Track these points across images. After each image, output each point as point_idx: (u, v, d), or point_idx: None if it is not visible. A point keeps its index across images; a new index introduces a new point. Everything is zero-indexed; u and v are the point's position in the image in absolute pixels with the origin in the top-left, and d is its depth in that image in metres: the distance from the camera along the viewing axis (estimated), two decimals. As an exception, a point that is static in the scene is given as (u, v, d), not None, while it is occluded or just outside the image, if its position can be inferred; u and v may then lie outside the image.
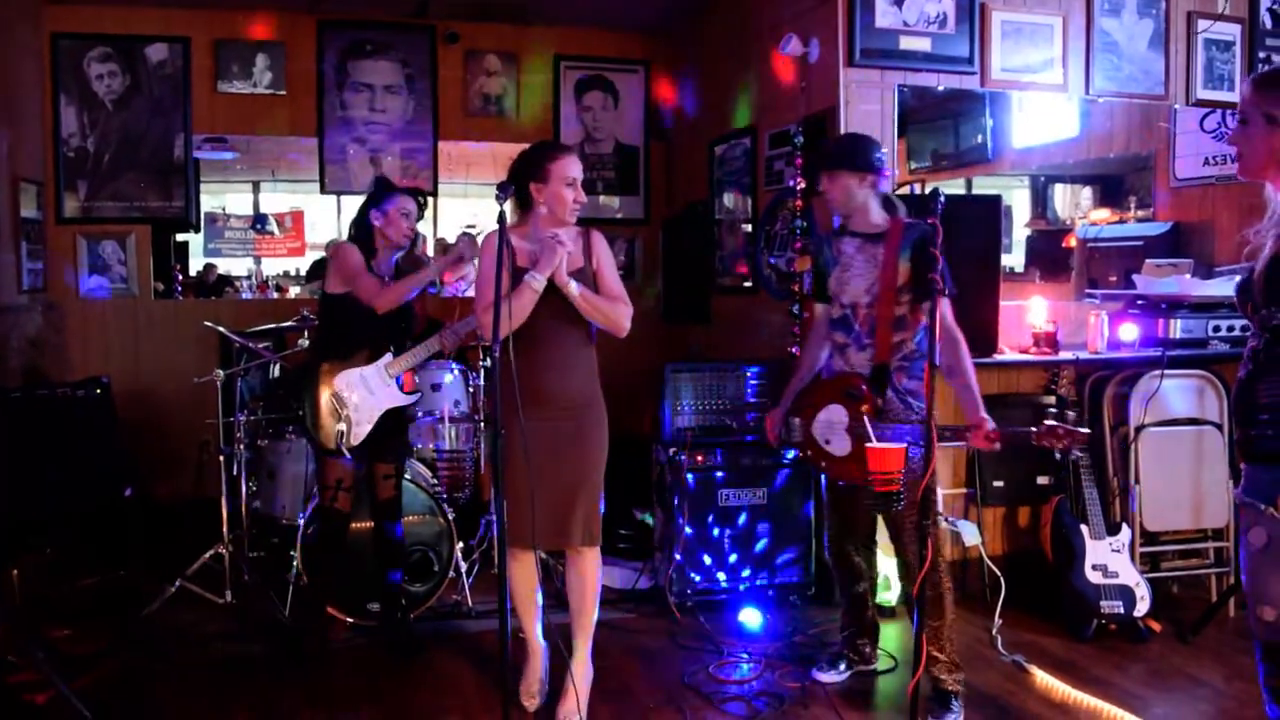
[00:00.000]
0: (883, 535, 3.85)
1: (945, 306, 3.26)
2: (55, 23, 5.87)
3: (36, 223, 5.71)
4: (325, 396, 3.83)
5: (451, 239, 9.45)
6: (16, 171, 5.44)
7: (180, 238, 6.84)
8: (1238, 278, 2.42)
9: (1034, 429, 3.06)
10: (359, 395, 3.86)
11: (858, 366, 3.47)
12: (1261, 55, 5.21)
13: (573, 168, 3.26)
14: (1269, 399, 2.21)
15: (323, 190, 6.49)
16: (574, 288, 3.21)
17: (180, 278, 6.59)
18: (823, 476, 3.76)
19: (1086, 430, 3.02)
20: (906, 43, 4.57)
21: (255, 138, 6.35)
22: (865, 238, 3.50)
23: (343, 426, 3.81)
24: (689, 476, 4.45)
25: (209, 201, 6.57)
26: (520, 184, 3.25)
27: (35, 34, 5.79)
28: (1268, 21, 5.22)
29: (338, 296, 3.84)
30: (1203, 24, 5.06)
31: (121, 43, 5.97)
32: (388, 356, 3.88)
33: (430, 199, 4.04)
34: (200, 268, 9.43)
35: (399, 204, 3.89)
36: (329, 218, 11.27)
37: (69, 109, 5.93)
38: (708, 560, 4.48)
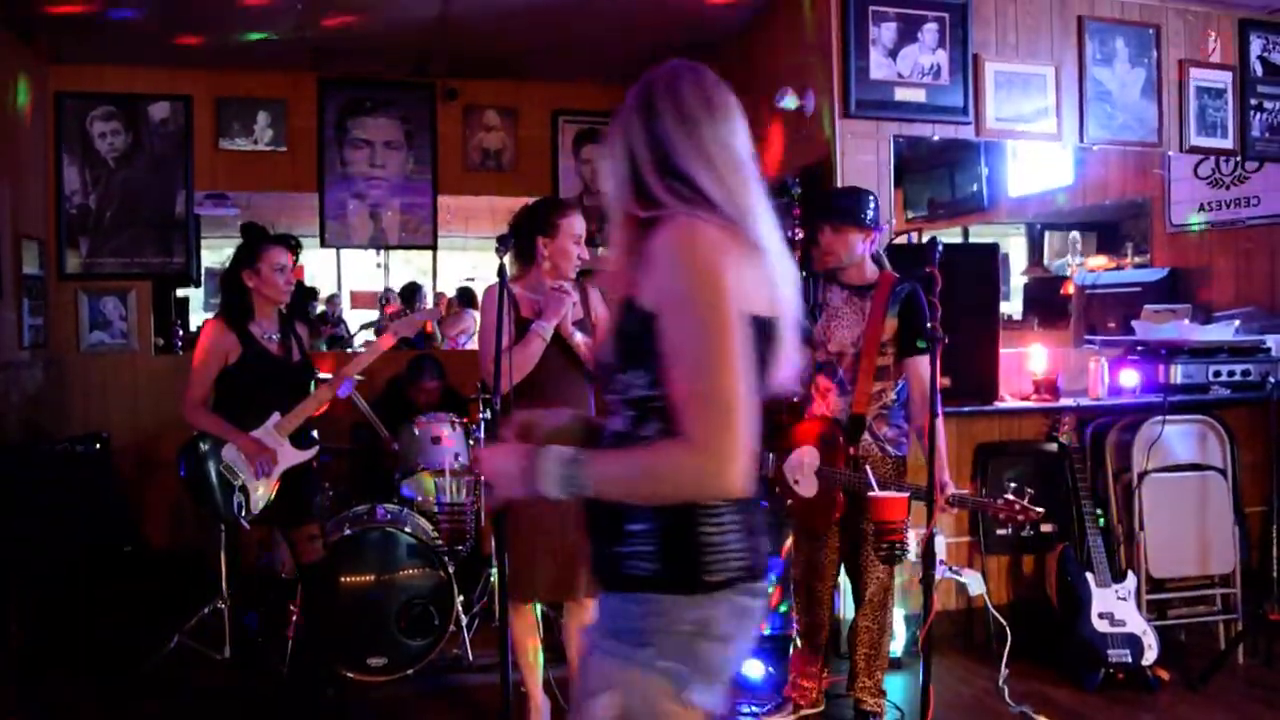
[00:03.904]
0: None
1: (928, 365, 3.32)
2: (59, 82, 5.95)
3: (38, 279, 5.74)
4: (214, 470, 3.75)
5: (451, 292, 9.48)
6: (19, 228, 5.47)
7: (181, 293, 6.85)
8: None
9: (993, 500, 3.11)
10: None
11: (837, 412, 3.58)
12: (1253, 102, 5.27)
13: (580, 224, 3.35)
14: (660, 508, 1.58)
15: (322, 244, 6.52)
16: (579, 337, 3.26)
17: (181, 333, 6.59)
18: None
19: (1040, 510, 3.04)
20: (901, 94, 4.62)
21: (256, 194, 6.38)
22: (854, 289, 3.59)
23: (240, 497, 3.75)
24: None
25: (209, 257, 6.59)
26: (527, 238, 3.29)
27: (40, 93, 5.86)
28: (1258, 69, 5.29)
29: (225, 369, 3.77)
30: (1194, 72, 5.12)
31: (124, 101, 6.04)
32: (275, 416, 3.80)
33: (301, 247, 3.98)
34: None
35: (271, 259, 3.77)
36: (329, 271, 11.35)
37: (71, 167, 5.98)
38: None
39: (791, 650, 3.95)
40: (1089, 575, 4.17)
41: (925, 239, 6.65)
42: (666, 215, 1.59)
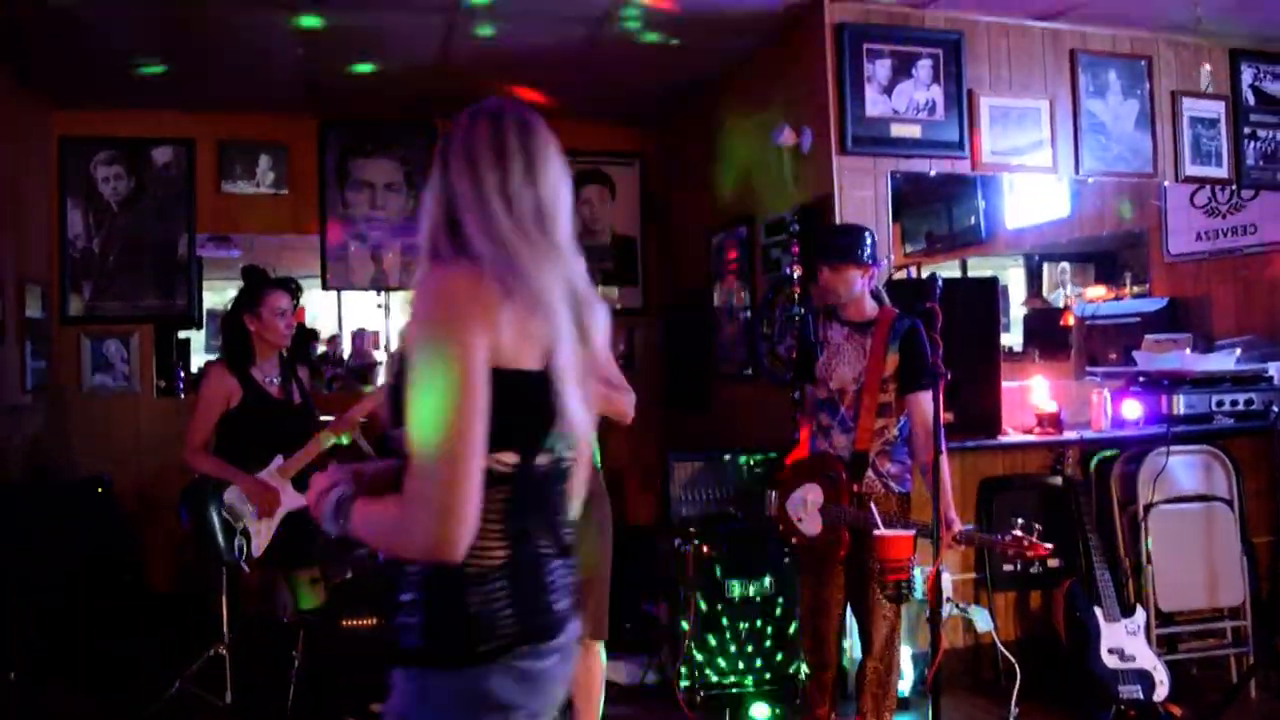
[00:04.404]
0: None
1: (929, 401, 3.30)
2: (63, 127, 5.99)
3: (41, 322, 5.75)
4: (215, 513, 3.75)
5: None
6: (22, 272, 5.49)
7: (183, 335, 6.86)
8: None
9: (1000, 536, 3.08)
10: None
11: (840, 449, 3.56)
12: (1246, 131, 5.30)
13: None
14: (415, 571, 1.56)
15: (324, 287, 6.55)
16: (581, 376, 3.25)
17: (183, 375, 6.59)
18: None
19: (1049, 545, 3.00)
20: (897, 130, 4.65)
21: (258, 236, 6.41)
22: (854, 326, 3.59)
23: (241, 540, 3.73)
24: (694, 566, 4.39)
25: (212, 299, 6.61)
26: None
27: (43, 138, 5.90)
28: (1250, 98, 5.33)
29: (227, 413, 3.79)
30: (1187, 102, 5.16)
31: (128, 146, 6.08)
32: (278, 459, 3.79)
33: (301, 290, 4.06)
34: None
35: (271, 303, 3.80)
36: (330, 312, 11.36)
37: (75, 211, 6.02)
38: (715, 652, 4.40)
39: (799, 691, 3.91)
40: (1097, 610, 4.14)
41: (924, 273, 6.66)
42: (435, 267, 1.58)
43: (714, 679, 4.39)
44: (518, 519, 1.58)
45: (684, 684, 4.34)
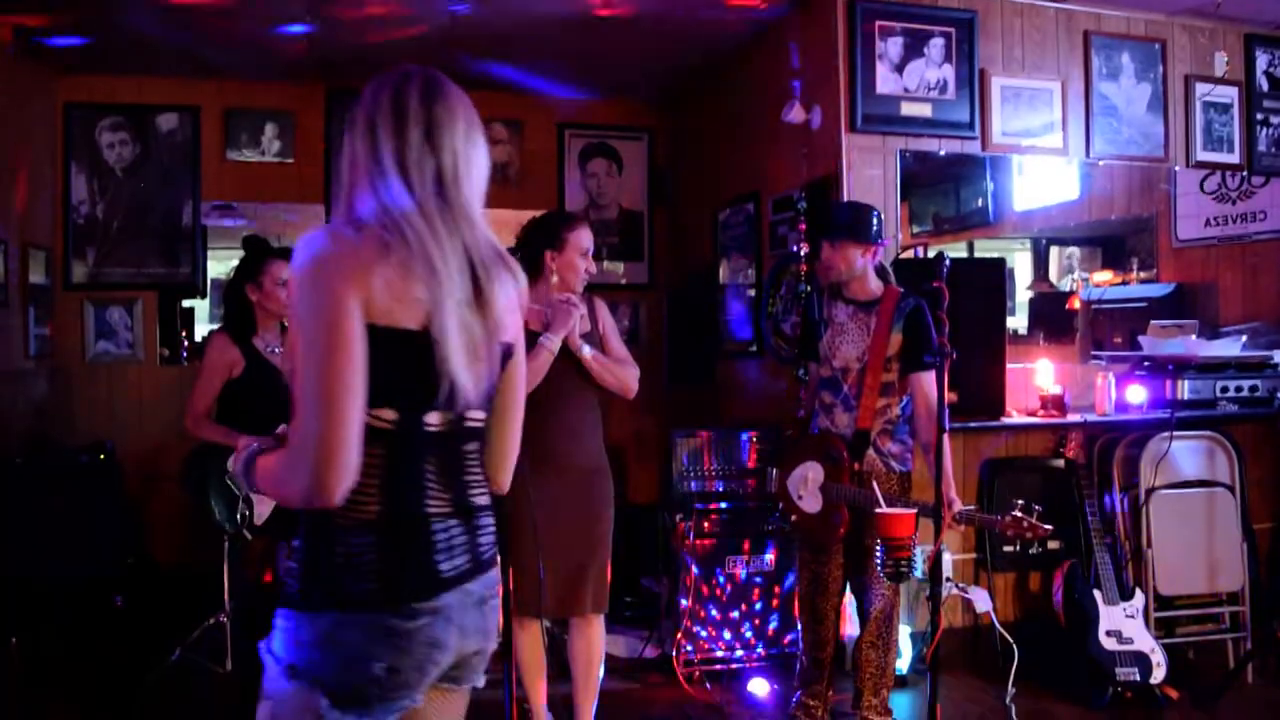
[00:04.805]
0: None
1: (932, 381, 3.33)
2: (68, 93, 5.96)
3: (45, 289, 5.74)
4: (217, 481, 3.73)
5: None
6: (26, 238, 5.48)
7: (187, 304, 6.86)
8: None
9: (1000, 517, 3.08)
10: None
11: (842, 428, 3.56)
12: (1259, 117, 5.27)
13: (587, 238, 3.34)
14: (302, 519, 1.63)
15: (329, 256, 6.51)
16: (586, 350, 3.26)
17: (187, 344, 6.58)
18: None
19: (1049, 527, 3.00)
20: (908, 108, 4.62)
21: (263, 205, 6.39)
22: (859, 305, 3.58)
23: (244, 507, 3.73)
24: (695, 542, 4.41)
25: (216, 268, 6.59)
26: (534, 251, 3.29)
27: (48, 104, 5.87)
28: (1264, 84, 5.29)
29: (228, 382, 3.80)
30: (1201, 88, 5.12)
31: (133, 112, 6.05)
32: (282, 428, 3.77)
33: None
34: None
35: (273, 273, 3.80)
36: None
37: (79, 177, 5.99)
38: (715, 628, 4.42)
39: (797, 668, 3.93)
40: (1096, 593, 4.15)
41: (930, 253, 6.63)
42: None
43: (713, 654, 4.41)
44: (396, 476, 1.60)
45: (683, 658, 4.36)
